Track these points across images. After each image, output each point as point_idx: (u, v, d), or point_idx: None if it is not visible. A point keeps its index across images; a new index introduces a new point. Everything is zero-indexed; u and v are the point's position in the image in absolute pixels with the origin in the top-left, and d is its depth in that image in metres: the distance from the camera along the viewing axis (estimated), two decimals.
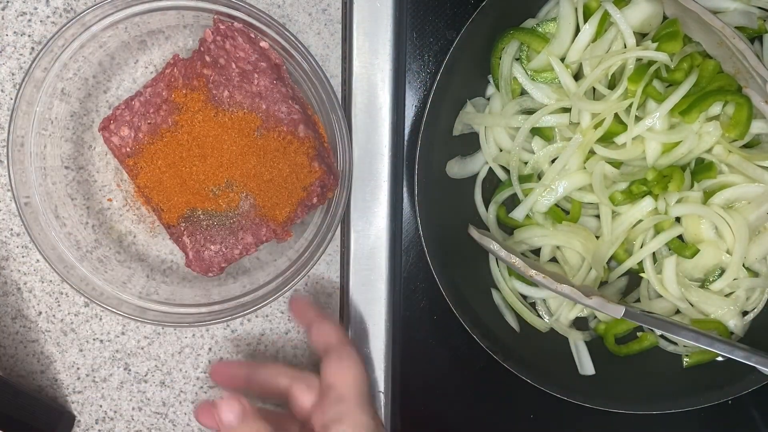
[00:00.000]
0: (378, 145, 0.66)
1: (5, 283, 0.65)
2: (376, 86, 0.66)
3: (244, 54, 0.60)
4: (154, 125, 0.61)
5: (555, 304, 0.71)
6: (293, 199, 0.62)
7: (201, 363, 0.68)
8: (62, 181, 0.63)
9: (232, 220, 0.62)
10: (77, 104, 0.63)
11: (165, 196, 0.62)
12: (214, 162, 0.61)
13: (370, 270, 0.67)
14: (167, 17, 0.61)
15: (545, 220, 0.69)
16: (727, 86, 0.63)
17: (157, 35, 0.64)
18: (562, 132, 0.67)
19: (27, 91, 0.58)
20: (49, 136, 0.61)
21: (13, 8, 0.63)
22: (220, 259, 0.63)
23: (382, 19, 0.65)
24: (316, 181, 0.61)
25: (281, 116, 0.61)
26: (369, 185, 0.67)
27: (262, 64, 0.60)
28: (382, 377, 0.68)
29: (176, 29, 0.64)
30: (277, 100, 0.61)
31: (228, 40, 0.60)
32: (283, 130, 0.61)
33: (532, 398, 0.68)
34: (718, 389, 0.67)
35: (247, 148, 0.61)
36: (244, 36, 0.60)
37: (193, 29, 0.64)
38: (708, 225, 0.67)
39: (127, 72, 0.64)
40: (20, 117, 0.58)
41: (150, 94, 0.62)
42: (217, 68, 0.60)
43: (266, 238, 0.62)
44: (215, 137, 0.61)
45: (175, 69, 0.62)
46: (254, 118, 0.61)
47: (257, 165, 0.61)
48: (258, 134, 0.61)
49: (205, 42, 0.60)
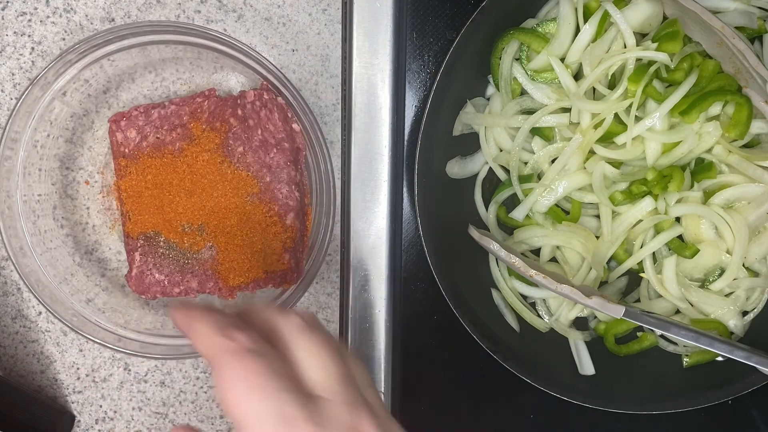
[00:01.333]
0: (378, 145, 0.66)
1: (5, 283, 0.65)
2: (376, 86, 0.66)
3: (273, 128, 0.61)
4: (161, 141, 0.62)
5: (555, 304, 0.71)
6: (251, 275, 0.62)
7: (201, 363, 0.68)
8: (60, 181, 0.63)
9: (187, 261, 0.62)
10: (78, 106, 0.63)
11: (138, 209, 0.62)
12: (198, 202, 0.62)
13: (370, 270, 0.67)
14: (187, 50, 0.61)
15: (545, 220, 0.69)
16: (727, 86, 0.63)
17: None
18: (562, 132, 0.67)
19: (33, 91, 0.58)
20: (48, 135, 0.61)
21: (13, 8, 0.63)
22: (158, 289, 0.63)
23: (382, 19, 0.65)
24: (279, 271, 0.62)
25: (279, 196, 0.62)
26: (369, 185, 0.67)
27: (285, 144, 0.61)
28: (382, 377, 0.68)
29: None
30: (282, 179, 0.61)
31: (264, 109, 0.60)
32: (273, 210, 0.62)
33: (532, 398, 0.68)
34: (718, 389, 0.67)
35: (234, 206, 0.62)
36: (282, 113, 0.61)
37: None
38: (708, 225, 0.67)
39: (132, 77, 0.64)
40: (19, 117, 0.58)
41: (172, 112, 0.62)
42: (244, 125, 0.61)
43: (209, 292, 0.63)
44: (210, 182, 0.61)
45: (206, 102, 0.62)
46: (254, 184, 0.61)
47: (235, 226, 0.62)
48: (250, 200, 0.61)
49: (244, 98, 0.61)
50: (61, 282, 0.61)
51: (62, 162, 0.64)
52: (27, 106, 0.58)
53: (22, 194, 0.59)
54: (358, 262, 0.67)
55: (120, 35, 0.57)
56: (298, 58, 0.66)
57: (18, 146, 0.58)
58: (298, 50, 0.66)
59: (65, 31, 0.63)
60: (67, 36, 0.63)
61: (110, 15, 0.63)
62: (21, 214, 0.59)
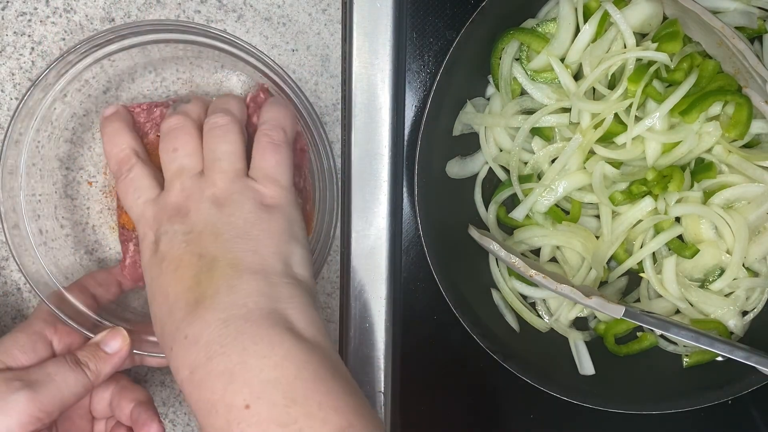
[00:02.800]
0: (378, 145, 0.66)
1: (5, 283, 0.65)
2: (376, 86, 0.66)
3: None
4: (158, 141, 0.61)
5: (555, 304, 0.71)
6: None
7: None
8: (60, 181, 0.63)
9: None
10: (78, 106, 0.63)
11: None
12: None
13: (370, 270, 0.67)
14: (187, 48, 0.61)
15: (545, 220, 0.69)
16: (727, 86, 0.63)
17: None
18: (562, 132, 0.67)
19: (35, 93, 0.58)
20: (49, 136, 0.61)
21: (13, 8, 0.63)
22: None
23: (382, 19, 0.65)
24: None
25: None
26: (369, 185, 0.67)
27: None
28: (382, 377, 0.68)
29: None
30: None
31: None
32: None
33: (532, 398, 0.68)
34: (718, 389, 0.67)
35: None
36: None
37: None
38: (708, 225, 0.67)
39: (132, 77, 0.64)
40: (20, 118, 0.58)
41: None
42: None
43: None
44: None
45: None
46: None
47: None
48: None
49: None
50: (62, 282, 0.61)
51: (62, 162, 0.64)
52: (28, 108, 0.58)
53: (25, 195, 0.59)
54: (358, 262, 0.67)
55: (121, 35, 0.57)
56: (298, 58, 0.66)
57: (21, 147, 0.58)
58: (298, 50, 0.66)
59: (65, 31, 0.63)
60: (67, 36, 0.63)
61: (110, 15, 0.63)
62: (24, 214, 0.59)
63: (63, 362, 0.53)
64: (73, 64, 0.57)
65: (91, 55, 0.58)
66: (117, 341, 0.56)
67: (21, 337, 0.55)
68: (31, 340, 0.55)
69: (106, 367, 0.54)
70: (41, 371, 0.52)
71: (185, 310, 0.47)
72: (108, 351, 0.55)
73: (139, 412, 0.56)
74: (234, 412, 0.43)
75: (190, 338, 0.46)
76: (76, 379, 0.53)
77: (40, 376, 0.52)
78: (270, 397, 0.42)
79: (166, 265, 0.49)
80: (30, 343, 0.54)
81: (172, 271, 0.48)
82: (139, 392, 0.58)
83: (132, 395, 0.57)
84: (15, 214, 0.59)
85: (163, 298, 0.49)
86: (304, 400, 0.42)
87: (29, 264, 0.59)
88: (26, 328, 0.56)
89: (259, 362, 0.44)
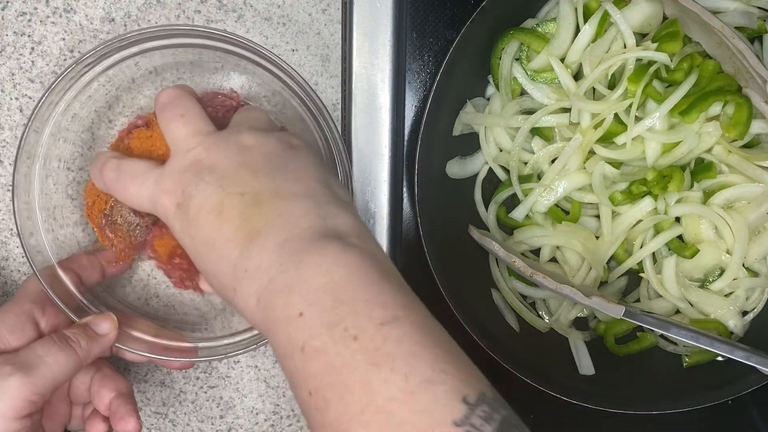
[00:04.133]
0: (378, 145, 0.66)
1: (5, 283, 0.65)
2: (376, 86, 0.66)
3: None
4: (137, 143, 0.60)
5: (555, 304, 0.71)
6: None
7: (201, 363, 0.68)
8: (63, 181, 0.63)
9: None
10: (86, 116, 0.63)
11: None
12: None
13: None
14: (187, 53, 0.61)
15: (545, 220, 0.69)
16: (727, 86, 0.63)
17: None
18: (562, 132, 0.67)
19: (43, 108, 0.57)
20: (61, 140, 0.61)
21: (13, 8, 0.63)
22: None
23: (382, 19, 0.65)
24: None
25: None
26: (369, 185, 0.67)
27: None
28: None
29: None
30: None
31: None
32: None
33: (532, 398, 0.68)
34: (718, 389, 0.67)
35: None
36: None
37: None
38: (708, 225, 0.67)
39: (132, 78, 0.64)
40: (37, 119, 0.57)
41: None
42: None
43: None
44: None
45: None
46: None
47: None
48: None
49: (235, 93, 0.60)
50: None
51: (62, 162, 0.64)
52: (41, 116, 0.57)
53: (38, 199, 0.59)
54: None
55: (127, 42, 0.57)
56: (298, 58, 0.66)
57: (36, 151, 0.58)
58: (298, 50, 0.66)
59: (65, 31, 0.63)
60: (67, 36, 0.63)
61: (110, 15, 0.63)
62: (40, 220, 0.59)
63: (51, 342, 0.52)
64: (80, 74, 0.57)
65: (100, 64, 0.57)
66: (107, 323, 0.55)
67: (9, 317, 0.54)
68: (20, 320, 0.54)
69: (96, 347, 0.54)
70: (31, 353, 0.51)
71: (239, 248, 0.46)
72: (98, 332, 0.55)
73: (118, 404, 0.55)
74: (292, 323, 0.43)
75: (250, 270, 0.46)
76: (67, 358, 0.52)
77: (30, 358, 0.51)
78: (320, 302, 0.43)
79: (204, 215, 0.48)
80: (19, 324, 0.53)
81: (215, 217, 0.47)
82: (120, 382, 0.57)
83: (113, 384, 0.56)
84: (30, 222, 0.59)
85: (211, 247, 0.48)
86: (351, 300, 0.43)
87: (40, 263, 0.58)
88: (13, 308, 0.55)
89: (311, 271, 0.44)
